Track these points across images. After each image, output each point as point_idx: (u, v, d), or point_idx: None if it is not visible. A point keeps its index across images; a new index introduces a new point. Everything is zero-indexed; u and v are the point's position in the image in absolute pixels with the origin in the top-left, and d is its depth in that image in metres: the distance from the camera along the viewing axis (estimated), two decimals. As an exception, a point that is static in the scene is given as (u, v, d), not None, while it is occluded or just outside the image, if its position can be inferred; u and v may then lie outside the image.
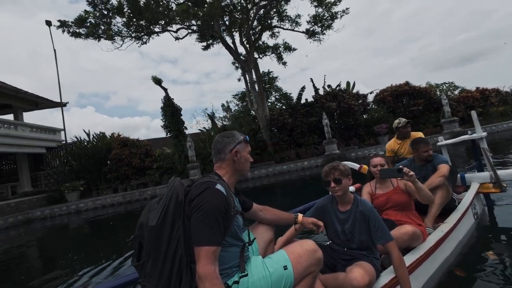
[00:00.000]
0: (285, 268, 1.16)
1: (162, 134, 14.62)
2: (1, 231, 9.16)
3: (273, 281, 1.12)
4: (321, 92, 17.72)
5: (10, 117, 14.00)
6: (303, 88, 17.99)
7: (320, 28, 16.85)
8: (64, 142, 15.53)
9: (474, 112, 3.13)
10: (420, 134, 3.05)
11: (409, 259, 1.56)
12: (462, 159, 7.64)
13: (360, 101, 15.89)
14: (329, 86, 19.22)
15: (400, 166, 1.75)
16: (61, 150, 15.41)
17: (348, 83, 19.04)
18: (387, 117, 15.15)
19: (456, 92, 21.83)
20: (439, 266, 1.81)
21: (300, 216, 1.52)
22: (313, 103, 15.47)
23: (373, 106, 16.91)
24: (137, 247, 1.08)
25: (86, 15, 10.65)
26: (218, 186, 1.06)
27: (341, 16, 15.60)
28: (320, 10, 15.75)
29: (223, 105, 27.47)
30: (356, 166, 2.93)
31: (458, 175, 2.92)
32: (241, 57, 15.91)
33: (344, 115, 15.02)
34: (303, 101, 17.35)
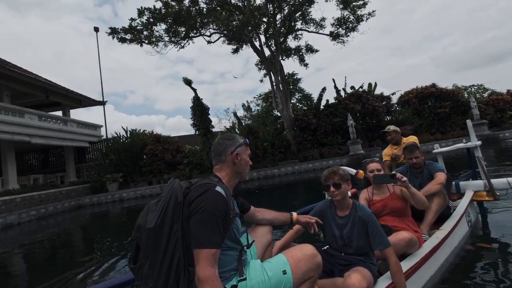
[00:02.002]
0: (284, 272, 1.15)
1: (177, 132, 15.60)
2: (59, 214, 10.45)
3: (272, 286, 1.11)
4: (342, 93, 17.98)
5: (59, 113, 15.57)
6: (323, 89, 18.29)
7: (344, 31, 17.09)
8: (103, 137, 16.96)
9: (469, 121, 3.16)
10: (412, 139, 3.06)
11: (405, 265, 1.57)
12: (494, 160, 7.73)
13: (384, 103, 16.01)
14: (352, 87, 19.41)
15: (393, 172, 1.78)
16: (101, 144, 16.86)
17: (370, 84, 19.12)
18: (412, 118, 15.16)
19: (486, 94, 21.14)
20: (434, 272, 1.83)
21: (294, 214, 1.53)
22: (336, 104, 15.78)
23: (397, 107, 16.92)
24: (134, 249, 1.05)
25: (136, 24, 11.80)
26: (218, 188, 1.05)
27: (366, 19, 15.77)
28: (345, 13, 15.99)
29: (243, 105, 28.32)
30: (353, 171, 2.97)
31: (453, 182, 2.94)
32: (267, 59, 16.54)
33: (368, 116, 15.23)
34: (323, 102, 17.72)
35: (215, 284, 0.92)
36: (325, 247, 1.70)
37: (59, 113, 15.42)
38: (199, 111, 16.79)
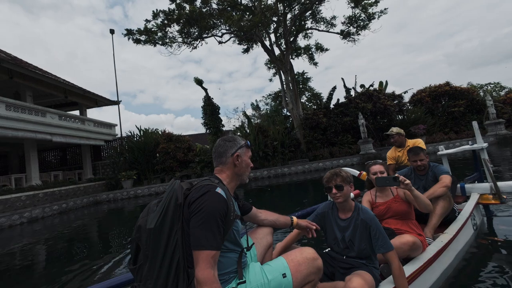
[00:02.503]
0: (284, 276, 1.14)
1: (185, 131, 16.00)
2: (78, 209, 10.94)
3: None
4: (352, 92, 17.83)
5: (76, 113, 16.18)
6: (334, 88, 18.19)
7: (355, 29, 16.95)
8: (118, 136, 17.51)
9: (475, 123, 3.08)
10: (418, 142, 3.00)
11: (408, 269, 1.55)
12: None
13: (396, 102, 15.81)
14: (362, 86, 19.23)
15: (396, 175, 1.75)
16: (115, 143, 17.42)
17: (381, 83, 18.89)
18: (425, 117, 14.93)
19: (502, 93, 20.49)
20: (438, 277, 1.80)
21: (295, 218, 1.53)
22: (347, 103, 15.70)
23: (409, 106, 16.67)
24: (134, 250, 1.05)
25: (151, 26, 12.18)
26: (218, 190, 1.05)
27: (378, 17, 15.59)
28: (357, 11, 15.86)
29: (252, 104, 28.57)
30: (356, 172, 2.92)
31: (458, 185, 2.88)
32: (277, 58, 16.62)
33: (379, 116, 15.09)
34: (333, 101, 17.64)
35: (214, 286, 0.92)
36: (327, 250, 1.67)
37: (76, 113, 16.03)
38: (210, 110, 17.06)
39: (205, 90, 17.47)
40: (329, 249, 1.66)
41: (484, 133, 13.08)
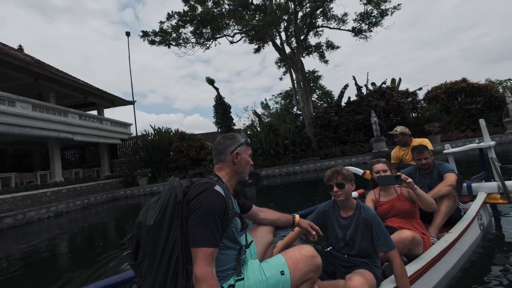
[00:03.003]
0: (282, 273, 1.15)
1: (194, 130, 16.39)
2: (99, 204, 11.48)
3: (269, 286, 1.11)
4: (364, 90, 17.63)
5: (94, 113, 16.85)
6: (345, 87, 18.05)
7: (367, 26, 16.73)
8: (133, 135, 18.11)
9: (483, 120, 3.06)
10: (424, 141, 2.94)
11: (411, 268, 1.53)
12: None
13: (409, 99, 15.54)
14: (373, 84, 18.96)
15: (398, 173, 1.73)
16: (130, 141, 18.03)
17: (393, 80, 18.56)
18: (440, 115, 14.60)
19: (524, 88, 19.67)
20: (442, 277, 1.75)
21: (297, 217, 1.52)
22: (359, 101, 15.57)
23: (423, 103, 16.32)
24: (134, 246, 1.07)
25: (166, 27, 12.58)
26: (217, 188, 1.06)
27: (391, 13, 15.32)
28: (369, 7, 15.65)
29: (262, 103, 28.70)
30: (360, 171, 2.85)
31: (465, 184, 2.82)
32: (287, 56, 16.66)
33: (392, 113, 14.88)
34: (344, 99, 17.50)
35: (212, 283, 0.92)
36: (328, 248, 1.66)
37: (94, 113, 16.69)
38: (222, 109, 17.36)
39: (217, 89, 17.77)
40: (330, 247, 1.64)
41: (503, 131, 12.67)
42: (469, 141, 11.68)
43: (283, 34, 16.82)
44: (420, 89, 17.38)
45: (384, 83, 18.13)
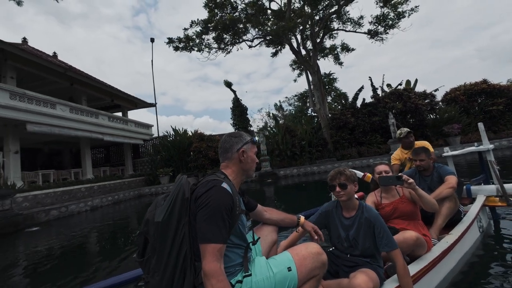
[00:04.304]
0: (289, 269, 1.16)
1: (205, 132, 17.00)
2: (127, 201, 12.22)
3: (276, 282, 1.12)
4: (379, 91, 17.65)
5: (119, 114, 17.80)
6: (361, 88, 18.16)
7: (383, 28, 16.79)
8: (153, 135, 18.96)
9: (481, 124, 3.07)
10: (424, 144, 2.94)
11: (413, 268, 1.54)
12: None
13: (427, 101, 15.48)
14: (388, 85, 18.95)
15: (400, 174, 1.73)
16: (150, 142, 18.87)
17: (408, 82, 18.48)
18: (459, 117, 14.48)
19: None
20: (443, 278, 1.78)
21: (302, 218, 1.53)
22: (375, 103, 15.67)
23: (441, 105, 16.19)
24: (142, 243, 1.09)
25: (192, 34, 13.30)
26: (224, 185, 1.07)
27: (409, 15, 15.37)
28: (385, 10, 15.75)
29: (275, 105, 29.10)
30: (360, 174, 2.87)
31: (464, 187, 2.84)
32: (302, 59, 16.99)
33: (409, 115, 14.89)
34: (359, 101, 17.60)
35: (220, 279, 0.93)
36: (331, 249, 1.67)
37: (119, 114, 17.64)
38: (239, 111, 17.92)
39: (234, 92, 18.36)
40: (333, 247, 1.66)
41: (527, 133, 12.46)
42: (491, 143, 11.57)
43: (298, 37, 17.19)
44: (436, 90, 17.25)
45: (400, 84, 18.11)
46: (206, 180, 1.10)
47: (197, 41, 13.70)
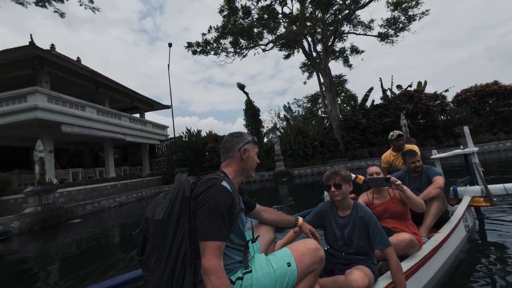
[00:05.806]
0: (289, 265, 1.19)
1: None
2: (148, 198, 12.88)
3: (277, 278, 1.14)
4: (388, 93, 17.93)
5: (137, 116, 18.56)
6: (370, 90, 18.48)
7: (393, 31, 17.08)
8: (169, 136, 19.67)
9: (467, 128, 3.19)
10: (413, 148, 3.05)
11: (404, 266, 1.60)
12: None
13: (437, 102, 15.72)
14: (398, 86, 19.21)
15: (388, 176, 1.81)
16: (166, 142, 19.57)
17: (419, 83, 18.70)
18: (470, 117, 14.68)
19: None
20: (433, 274, 1.88)
21: (300, 219, 1.56)
22: (386, 104, 15.98)
23: (452, 106, 16.39)
24: (142, 241, 1.10)
25: (210, 38, 13.97)
26: (224, 183, 1.08)
27: (419, 18, 15.64)
28: (396, 13, 16.06)
29: (284, 106, 29.58)
30: (352, 176, 3.13)
31: (451, 188, 2.97)
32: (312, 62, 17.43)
33: (420, 116, 15.17)
34: (369, 102, 17.90)
35: (220, 276, 0.94)
36: (326, 248, 1.71)
37: (137, 115, 18.39)
38: (251, 112, 18.45)
39: (247, 94, 18.90)
40: (328, 246, 1.71)
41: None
42: (503, 143, 11.81)
43: (309, 40, 17.63)
44: (446, 90, 17.44)
45: (410, 85, 18.36)
46: (206, 179, 1.12)
47: (214, 45, 14.35)
